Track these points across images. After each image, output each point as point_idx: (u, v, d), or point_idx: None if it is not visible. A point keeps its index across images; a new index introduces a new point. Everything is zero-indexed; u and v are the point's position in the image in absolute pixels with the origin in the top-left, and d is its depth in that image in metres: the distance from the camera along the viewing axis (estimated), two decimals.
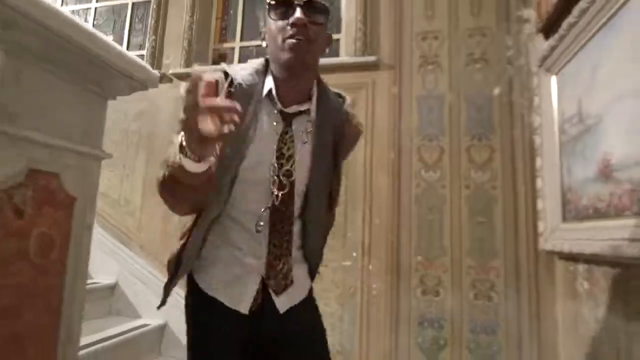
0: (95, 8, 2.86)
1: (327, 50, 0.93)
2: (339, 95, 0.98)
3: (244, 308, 0.86)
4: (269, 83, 0.88)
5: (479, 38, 2.09)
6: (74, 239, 0.79)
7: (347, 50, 2.31)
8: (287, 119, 0.88)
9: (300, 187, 0.89)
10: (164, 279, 2.53)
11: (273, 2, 0.85)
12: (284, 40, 0.82)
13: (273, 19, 0.85)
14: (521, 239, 1.91)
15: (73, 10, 2.89)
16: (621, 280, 1.31)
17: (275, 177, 0.86)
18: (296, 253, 0.93)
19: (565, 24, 1.59)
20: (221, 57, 2.63)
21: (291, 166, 0.88)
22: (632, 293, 1.25)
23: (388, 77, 2.17)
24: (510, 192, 1.95)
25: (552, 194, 1.78)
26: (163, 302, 0.93)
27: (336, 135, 0.94)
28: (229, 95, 0.80)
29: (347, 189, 2.08)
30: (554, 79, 1.81)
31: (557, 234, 1.72)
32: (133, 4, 2.78)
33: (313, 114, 0.90)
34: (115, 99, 0.89)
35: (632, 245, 1.14)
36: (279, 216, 0.87)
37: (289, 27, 0.82)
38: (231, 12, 2.67)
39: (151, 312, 2.29)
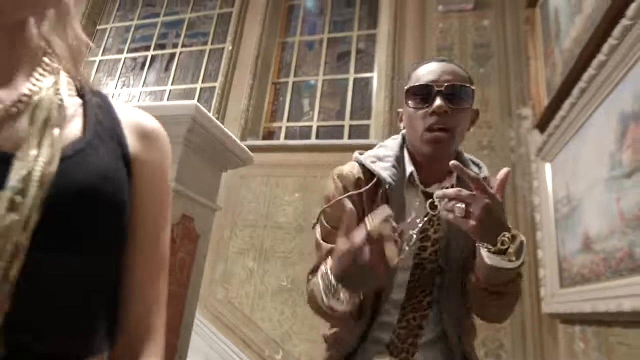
0: (170, 90, 3.45)
1: (472, 127, 0.85)
2: (476, 164, 0.89)
3: None
4: (409, 166, 0.82)
5: (486, 130, 2.51)
6: (196, 264, 1.17)
7: (376, 134, 2.74)
8: (430, 198, 0.78)
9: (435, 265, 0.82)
10: (206, 322, 2.82)
11: (411, 88, 0.79)
12: (424, 131, 0.76)
13: (411, 107, 0.78)
14: (526, 303, 2.14)
15: (150, 92, 3.53)
16: (605, 337, 1.57)
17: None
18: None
19: (552, 125, 2.01)
20: (270, 134, 3.13)
21: (435, 249, 0.81)
22: (612, 347, 1.50)
23: None
24: None
25: (551, 263, 2.06)
26: None
27: None
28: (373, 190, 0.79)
29: None
30: (548, 166, 2.17)
31: (556, 298, 1.97)
32: (201, 88, 3.37)
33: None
34: (226, 171, 1.31)
35: (602, 302, 1.43)
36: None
37: (429, 115, 0.76)
38: (281, 98, 3.20)
39: (192, 352, 2.55)
